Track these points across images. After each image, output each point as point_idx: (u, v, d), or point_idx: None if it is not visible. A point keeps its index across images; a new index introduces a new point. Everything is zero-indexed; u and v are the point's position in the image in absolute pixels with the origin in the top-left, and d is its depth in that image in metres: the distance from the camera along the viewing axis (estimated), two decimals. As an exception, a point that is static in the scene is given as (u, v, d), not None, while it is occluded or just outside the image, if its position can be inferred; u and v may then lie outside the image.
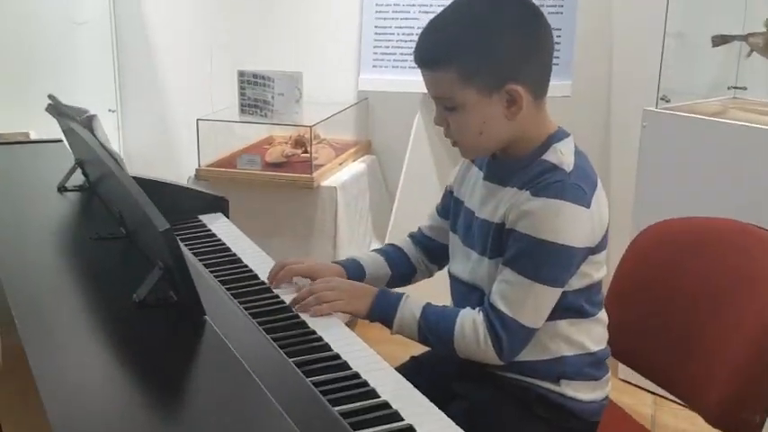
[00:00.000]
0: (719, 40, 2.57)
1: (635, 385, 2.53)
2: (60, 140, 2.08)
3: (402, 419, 1.10)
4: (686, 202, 2.38)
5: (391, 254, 1.64)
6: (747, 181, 2.29)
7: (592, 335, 1.45)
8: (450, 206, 1.56)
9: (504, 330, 1.35)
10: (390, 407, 1.12)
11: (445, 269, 1.64)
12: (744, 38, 2.51)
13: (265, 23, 3.39)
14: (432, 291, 1.63)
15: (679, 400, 1.58)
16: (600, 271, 1.43)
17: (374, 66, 3.05)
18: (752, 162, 2.29)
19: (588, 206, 1.35)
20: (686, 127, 2.45)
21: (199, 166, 2.94)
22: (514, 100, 1.35)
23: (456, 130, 1.39)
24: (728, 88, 2.73)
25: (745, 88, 2.69)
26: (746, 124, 2.34)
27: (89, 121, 1.74)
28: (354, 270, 1.58)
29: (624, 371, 2.45)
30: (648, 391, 2.54)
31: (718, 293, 1.50)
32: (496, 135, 1.38)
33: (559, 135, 1.41)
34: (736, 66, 2.70)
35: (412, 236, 1.67)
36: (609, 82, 3.08)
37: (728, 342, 1.43)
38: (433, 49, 1.36)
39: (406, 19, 2.99)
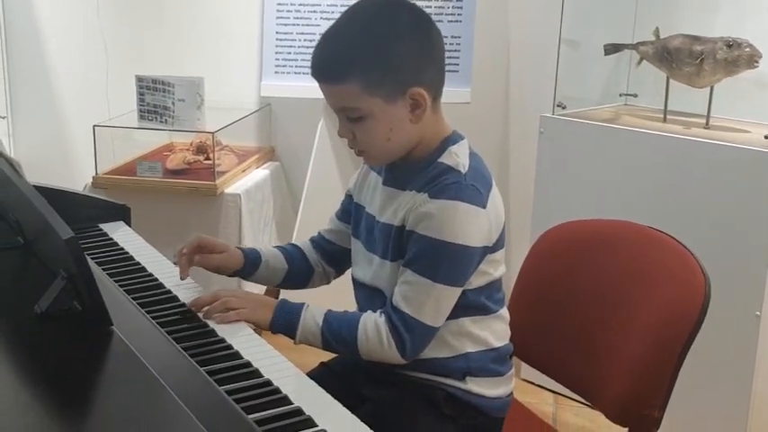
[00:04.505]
0: (611, 49, 2.67)
1: (537, 385, 2.60)
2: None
3: (316, 425, 1.10)
4: (583, 204, 2.48)
5: (290, 251, 1.64)
6: (639, 184, 2.40)
7: (494, 331, 1.49)
8: (352, 211, 1.57)
9: (407, 331, 1.37)
10: (304, 413, 1.12)
11: (342, 277, 1.66)
12: (634, 46, 2.62)
13: (165, 27, 3.33)
14: (336, 298, 1.64)
15: (579, 398, 1.63)
16: (499, 269, 1.47)
17: (276, 72, 3.04)
18: (643, 165, 2.39)
19: (484, 206, 1.38)
20: (581, 133, 2.54)
21: (96, 173, 2.86)
22: (418, 103, 1.38)
23: (363, 140, 1.40)
24: (620, 95, 2.84)
25: (635, 95, 2.81)
26: (637, 130, 2.44)
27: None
28: (251, 255, 1.59)
29: (527, 371, 2.52)
30: (550, 390, 2.61)
31: (616, 293, 1.55)
32: (403, 140, 1.41)
33: (454, 138, 1.45)
34: (627, 74, 2.81)
35: (312, 239, 1.68)
36: (507, 89, 3.16)
37: (627, 340, 1.49)
38: (333, 64, 1.36)
39: (308, 25, 3.00)
